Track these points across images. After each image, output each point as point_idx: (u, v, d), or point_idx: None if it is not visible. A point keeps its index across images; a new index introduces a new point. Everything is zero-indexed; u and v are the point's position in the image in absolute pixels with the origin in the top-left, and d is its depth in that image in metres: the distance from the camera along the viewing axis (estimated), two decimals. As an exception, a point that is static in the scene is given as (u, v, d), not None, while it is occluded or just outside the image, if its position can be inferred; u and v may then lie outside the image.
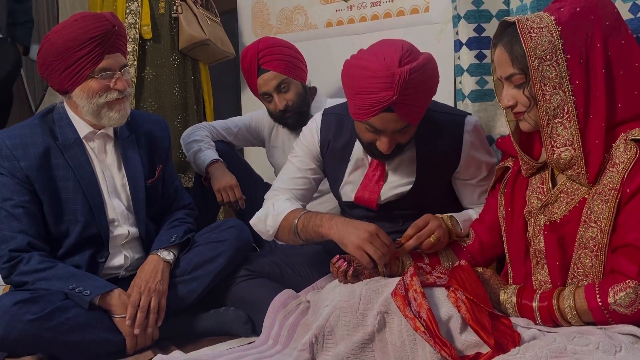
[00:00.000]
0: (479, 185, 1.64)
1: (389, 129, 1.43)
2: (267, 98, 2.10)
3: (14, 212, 1.61)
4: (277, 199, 1.67)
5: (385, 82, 1.34)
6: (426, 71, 1.38)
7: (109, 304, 1.59)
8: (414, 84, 1.35)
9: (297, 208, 1.62)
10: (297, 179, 1.71)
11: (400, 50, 1.37)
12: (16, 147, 1.64)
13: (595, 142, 1.19)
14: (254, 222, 1.68)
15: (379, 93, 1.35)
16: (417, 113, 1.44)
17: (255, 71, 2.07)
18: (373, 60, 1.37)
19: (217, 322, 1.72)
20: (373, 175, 1.62)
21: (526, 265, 1.36)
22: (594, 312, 1.17)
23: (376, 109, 1.38)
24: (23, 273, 1.58)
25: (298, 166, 1.71)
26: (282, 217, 1.59)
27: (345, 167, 1.66)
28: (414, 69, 1.35)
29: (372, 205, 1.63)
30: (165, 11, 2.56)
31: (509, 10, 1.84)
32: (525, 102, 1.25)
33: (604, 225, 1.18)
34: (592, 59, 1.18)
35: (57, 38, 1.61)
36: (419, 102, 1.41)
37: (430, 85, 1.43)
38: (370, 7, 2.41)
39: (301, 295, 1.63)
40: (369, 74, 1.37)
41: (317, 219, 1.51)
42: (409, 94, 1.36)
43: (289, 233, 1.58)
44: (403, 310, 1.24)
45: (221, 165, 2.13)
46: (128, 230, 1.76)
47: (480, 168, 1.62)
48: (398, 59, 1.36)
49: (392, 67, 1.34)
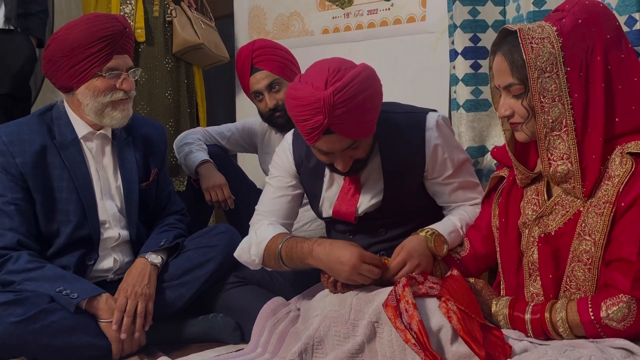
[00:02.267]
0: (447, 183, 1.59)
1: (337, 149, 1.42)
2: (258, 97, 2.11)
3: (6, 209, 1.60)
4: (260, 224, 1.63)
5: (314, 108, 1.34)
6: (353, 87, 1.35)
7: (95, 308, 1.58)
8: (342, 103, 1.34)
9: (279, 233, 1.57)
10: (278, 199, 1.67)
11: (327, 72, 1.37)
12: (13, 143, 1.63)
13: (592, 156, 1.18)
14: (239, 254, 1.63)
15: (312, 119, 1.36)
16: (360, 128, 1.42)
17: (249, 70, 2.08)
18: (301, 88, 1.38)
19: (205, 329, 1.70)
20: (349, 189, 1.61)
21: (519, 276, 1.35)
22: (586, 326, 1.16)
23: (315, 134, 1.38)
24: (10, 272, 1.56)
25: (277, 185, 1.68)
26: (265, 245, 1.55)
27: (321, 184, 1.65)
28: (338, 89, 1.34)
29: (350, 219, 1.61)
30: (160, 14, 2.55)
31: (505, 21, 1.85)
32: (524, 113, 1.24)
33: (598, 239, 1.18)
34: (592, 72, 1.18)
35: (68, 35, 1.61)
36: (356, 117, 1.38)
37: (365, 98, 1.37)
38: (367, 15, 2.41)
39: (291, 303, 1.62)
40: (299, 102, 1.38)
41: (300, 249, 1.47)
42: (341, 114, 1.34)
43: (274, 261, 1.54)
44: (394, 321, 1.23)
45: (210, 166, 2.14)
46: (119, 233, 1.75)
47: (446, 165, 1.57)
48: (324, 82, 1.36)
49: (317, 92, 1.35)
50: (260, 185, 2.43)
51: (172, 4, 2.57)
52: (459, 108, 1.90)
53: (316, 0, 2.59)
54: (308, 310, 1.47)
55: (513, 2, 1.79)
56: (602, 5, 1.22)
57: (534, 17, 1.61)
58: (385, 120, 1.52)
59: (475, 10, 1.84)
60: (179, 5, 2.60)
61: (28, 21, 2.46)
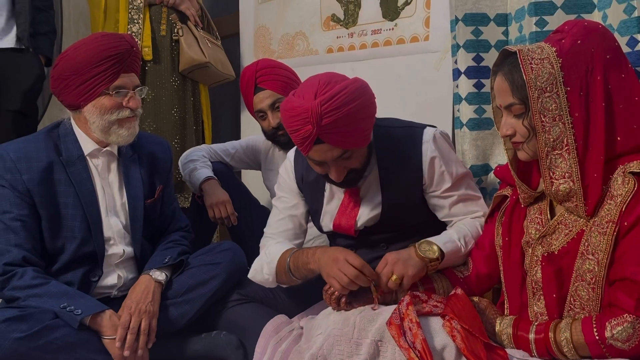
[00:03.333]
0: (446, 196, 1.60)
1: (329, 158, 1.45)
2: (261, 116, 2.14)
3: (12, 225, 1.61)
4: (269, 245, 1.67)
5: (303, 118, 1.39)
6: (341, 97, 1.39)
7: (99, 325, 1.57)
8: (330, 112, 1.37)
9: (287, 249, 1.60)
10: (285, 220, 1.71)
11: (317, 85, 1.42)
12: (20, 160, 1.65)
13: (593, 175, 1.19)
14: (252, 275, 1.67)
15: (302, 129, 1.40)
16: (351, 137, 1.44)
17: (252, 89, 2.12)
18: (293, 100, 1.43)
19: (208, 346, 1.70)
20: (349, 202, 1.63)
21: (522, 296, 1.35)
22: (590, 346, 1.16)
23: (307, 144, 1.42)
24: (15, 288, 1.56)
25: (282, 206, 1.72)
26: (276, 263, 1.59)
27: (322, 198, 1.67)
28: (325, 99, 1.38)
29: (350, 232, 1.62)
30: (167, 33, 2.59)
31: (507, 41, 1.86)
32: (525, 132, 1.25)
33: (601, 258, 1.17)
34: (592, 92, 1.19)
35: (76, 54, 1.64)
36: (346, 127, 1.41)
37: (354, 108, 1.40)
38: (370, 35, 2.43)
39: (294, 321, 1.61)
40: (290, 113, 1.42)
41: (304, 256, 1.51)
42: (328, 123, 1.38)
43: (285, 276, 1.58)
44: (398, 340, 1.22)
45: (214, 183, 2.16)
46: (123, 250, 1.75)
47: (444, 178, 1.58)
48: (313, 93, 1.40)
49: (306, 103, 1.39)
50: (263, 202, 2.44)
51: (179, 23, 2.60)
52: (462, 126, 1.91)
53: (321, 20, 2.62)
54: (311, 329, 1.46)
55: (515, 22, 1.80)
56: (601, 27, 1.23)
57: (536, 37, 1.63)
58: (383, 135, 1.56)
59: (478, 30, 1.86)
60: (186, 24, 2.63)
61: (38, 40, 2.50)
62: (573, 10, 1.62)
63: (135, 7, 2.53)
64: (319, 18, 2.62)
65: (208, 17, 2.79)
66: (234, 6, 3.09)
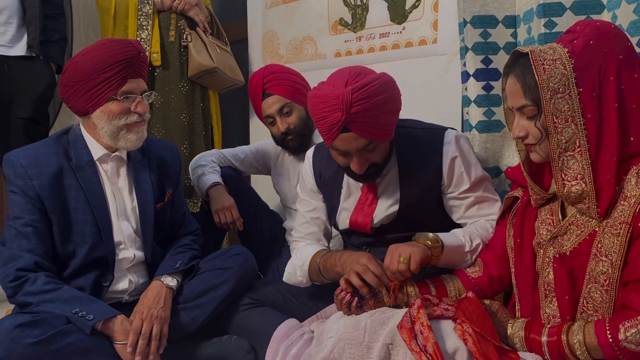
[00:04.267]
0: (463, 197, 1.61)
1: (353, 148, 1.48)
2: (270, 121, 2.14)
3: (23, 231, 1.62)
4: (299, 247, 1.75)
5: (333, 104, 1.42)
6: (371, 88, 1.42)
7: (111, 330, 1.58)
8: (360, 101, 1.41)
9: (317, 252, 1.67)
10: (309, 223, 1.78)
11: (348, 75, 1.46)
12: (30, 166, 1.66)
13: (606, 176, 1.18)
14: (287, 278, 1.74)
15: (330, 116, 1.43)
16: (376, 129, 1.47)
17: (260, 95, 2.12)
18: (323, 88, 1.48)
19: (219, 351, 1.70)
20: (366, 199, 1.65)
21: (534, 298, 1.34)
22: (604, 349, 1.15)
23: (334, 132, 1.45)
24: (28, 293, 1.57)
25: (304, 210, 1.79)
26: (307, 266, 1.67)
27: (339, 195, 1.70)
28: (356, 88, 1.41)
29: (366, 229, 1.64)
30: (175, 39, 2.60)
31: (516, 43, 1.86)
32: (537, 134, 1.24)
33: (614, 260, 1.17)
34: (605, 92, 1.18)
35: (83, 60, 1.65)
36: (373, 117, 1.44)
37: (382, 100, 1.44)
38: (378, 38, 2.44)
39: (305, 325, 1.61)
40: (320, 100, 1.46)
41: (332, 259, 1.59)
42: (358, 112, 1.41)
43: (317, 277, 1.66)
44: (409, 343, 1.22)
45: (221, 188, 2.17)
46: (134, 254, 1.76)
47: (462, 179, 1.60)
48: (344, 82, 1.44)
49: (337, 90, 1.43)
50: (273, 206, 2.45)
51: (188, 29, 2.62)
52: (471, 129, 1.90)
53: (329, 24, 2.63)
54: (322, 333, 1.46)
55: (524, 24, 1.80)
56: (613, 26, 1.23)
57: (545, 39, 1.62)
58: (405, 135, 1.61)
59: (486, 32, 1.85)
60: (194, 30, 2.65)
61: (48, 48, 2.52)
62: (582, 11, 1.62)
63: (144, 13, 2.55)
64: (327, 22, 2.63)
65: (217, 23, 2.80)
66: (242, 12, 3.11)
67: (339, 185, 1.70)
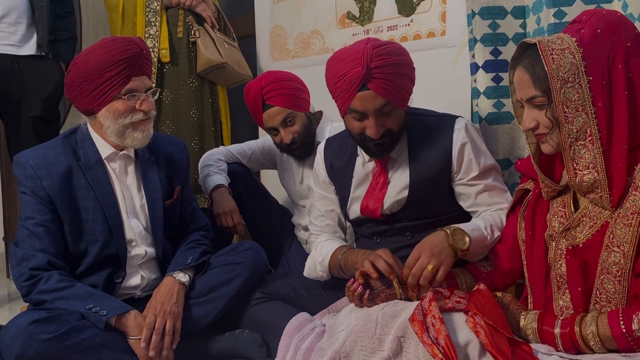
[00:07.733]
0: (473, 184, 1.61)
1: (371, 108, 1.50)
2: (273, 132, 2.12)
3: (35, 231, 1.64)
4: (318, 242, 1.78)
5: (354, 60, 1.48)
6: (390, 47, 1.51)
7: (124, 325, 1.59)
8: (380, 57, 1.47)
9: (337, 248, 1.70)
10: (324, 216, 1.81)
11: (369, 39, 1.54)
12: (39, 166, 1.67)
13: (618, 165, 1.17)
14: (308, 273, 1.77)
15: (351, 71, 1.48)
16: (394, 90, 1.50)
17: (260, 106, 2.09)
18: (344, 50, 1.55)
19: (231, 345, 1.71)
20: (376, 183, 1.66)
21: (547, 290, 1.33)
22: (617, 340, 1.14)
23: (353, 88, 1.48)
24: (42, 292, 1.59)
25: (320, 204, 1.81)
26: (327, 262, 1.70)
27: (350, 185, 1.71)
28: (376, 45, 1.49)
29: (376, 214, 1.65)
30: (184, 35, 2.60)
31: (525, 34, 1.84)
32: (548, 124, 1.24)
33: (627, 250, 1.16)
34: (614, 80, 1.17)
35: (87, 60, 1.65)
36: (391, 76, 1.49)
37: (400, 62, 1.51)
38: (386, 31, 2.43)
39: (316, 319, 1.62)
40: (340, 57, 1.53)
41: (354, 256, 1.61)
42: (377, 67, 1.47)
43: (338, 273, 1.69)
44: (421, 336, 1.22)
45: (223, 191, 2.16)
46: (145, 251, 1.77)
47: (471, 166, 1.60)
48: (364, 42, 1.52)
49: (358, 46, 1.51)
50: (282, 201, 2.45)
51: (196, 25, 2.62)
52: (481, 121, 1.89)
53: (336, 18, 2.62)
54: (334, 326, 1.46)
55: (533, 14, 1.78)
56: (619, 15, 1.22)
57: (555, 29, 1.61)
58: (416, 122, 1.63)
59: (495, 23, 1.84)
60: (202, 26, 2.65)
61: (58, 47, 2.53)
62: (592, 1, 1.60)
63: (152, 10, 2.55)
64: (334, 16, 2.62)
65: (224, 18, 2.80)
66: (249, 7, 3.10)
67: (349, 175, 1.71)
